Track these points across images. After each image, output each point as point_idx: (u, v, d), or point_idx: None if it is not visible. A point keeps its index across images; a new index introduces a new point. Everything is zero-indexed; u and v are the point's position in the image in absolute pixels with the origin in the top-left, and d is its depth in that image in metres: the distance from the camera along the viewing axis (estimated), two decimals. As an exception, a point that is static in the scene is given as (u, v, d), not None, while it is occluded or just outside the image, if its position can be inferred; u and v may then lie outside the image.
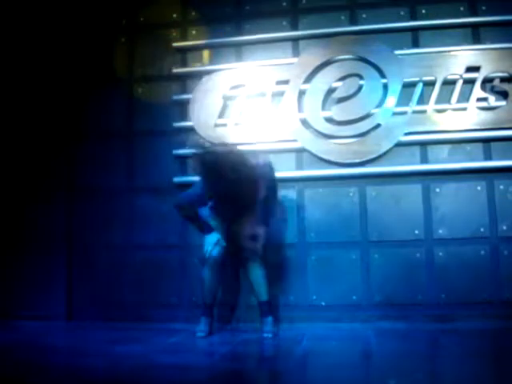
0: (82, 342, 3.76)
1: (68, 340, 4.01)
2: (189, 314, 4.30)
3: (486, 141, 4.27)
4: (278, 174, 4.20)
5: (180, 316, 4.35)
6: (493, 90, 4.27)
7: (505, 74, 4.25)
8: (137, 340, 3.69)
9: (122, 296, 4.55)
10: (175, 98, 4.63)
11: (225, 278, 4.00)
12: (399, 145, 4.29)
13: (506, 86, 4.24)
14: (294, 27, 4.63)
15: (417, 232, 4.26)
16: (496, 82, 4.26)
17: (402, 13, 4.53)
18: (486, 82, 4.27)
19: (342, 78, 4.40)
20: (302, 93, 4.46)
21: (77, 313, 4.60)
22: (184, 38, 4.76)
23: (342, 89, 4.38)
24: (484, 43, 4.37)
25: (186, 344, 3.59)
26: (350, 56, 4.43)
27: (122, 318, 4.40)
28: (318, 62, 4.45)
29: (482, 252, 4.19)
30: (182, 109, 4.63)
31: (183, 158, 4.57)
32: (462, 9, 4.47)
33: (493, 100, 4.23)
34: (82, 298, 4.61)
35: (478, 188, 4.25)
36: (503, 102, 4.23)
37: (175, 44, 4.72)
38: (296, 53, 4.59)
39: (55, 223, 4.68)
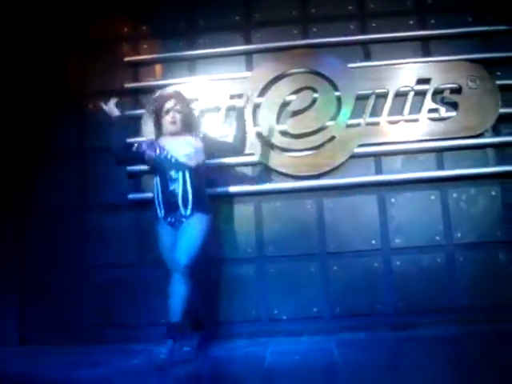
0: (38, 368, 3.61)
1: (22, 366, 3.81)
2: (148, 333, 4.20)
3: (438, 151, 4.36)
4: (235, 189, 4.22)
5: (139, 336, 4.22)
6: (443, 101, 4.38)
7: (454, 85, 4.36)
8: (97, 363, 3.57)
9: (78, 318, 4.41)
10: (127, 113, 4.53)
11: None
12: (354, 156, 4.34)
13: (455, 97, 4.35)
14: (248, 41, 4.64)
15: (374, 242, 4.30)
16: (446, 94, 4.36)
17: (353, 27, 4.60)
18: (437, 93, 4.37)
19: (296, 92, 4.41)
20: (256, 107, 4.45)
21: (30, 337, 4.42)
22: (136, 52, 4.70)
23: (296, 102, 4.39)
24: (433, 55, 4.49)
25: (149, 366, 3.47)
26: (304, 69, 4.46)
27: (80, 341, 4.26)
28: (271, 76, 4.46)
29: (439, 260, 4.27)
30: (135, 124, 4.54)
31: (137, 174, 4.49)
32: (411, 22, 4.58)
33: (443, 111, 4.32)
34: (36, 321, 4.44)
35: (432, 197, 4.33)
36: (453, 113, 4.34)
37: (127, 58, 4.65)
38: (250, 67, 4.60)
39: (5, 249, 4.52)
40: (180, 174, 3.53)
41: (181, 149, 3.59)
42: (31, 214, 4.59)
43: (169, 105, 3.64)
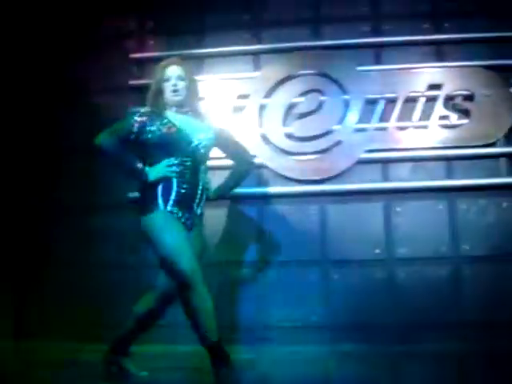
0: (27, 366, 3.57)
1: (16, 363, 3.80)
2: (145, 335, 4.14)
3: (448, 159, 4.23)
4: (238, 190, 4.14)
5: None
6: (455, 108, 4.24)
7: (467, 92, 4.23)
8: (89, 363, 3.47)
9: (75, 317, 4.32)
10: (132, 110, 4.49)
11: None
12: (360, 162, 4.23)
13: (467, 105, 4.22)
14: (256, 41, 4.56)
15: (378, 251, 4.18)
16: (458, 100, 4.24)
17: (365, 29, 4.51)
18: (448, 99, 4.25)
19: (304, 94, 4.33)
20: (262, 107, 4.37)
21: (26, 332, 4.40)
22: (142, 49, 4.64)
23: (303, 104, 4.31)
24: (446, 61, 4.37)
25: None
26: (312, 71, 4.38)
27: (75, 338, 4.18)
28: (279, 77, 4.38)
29: (444, 272, 4.14)
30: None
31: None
32: (425, 26, 4.46)
33: (455, 118, 4.20)
34: (33, 317, 4.43)
35: (440, 207, 4.20)
36: (465, 121, 4.21)
37: (132, 55, 4.60)
38: (257, 67, 4.51)
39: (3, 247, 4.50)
40: (197, 162, 3.01)
41: (197, 131, 3.04)
42: (32, 213, 4.57)
43: (170, 72, 3.11)
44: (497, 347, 3.74)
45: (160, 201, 2.90)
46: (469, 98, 4.23)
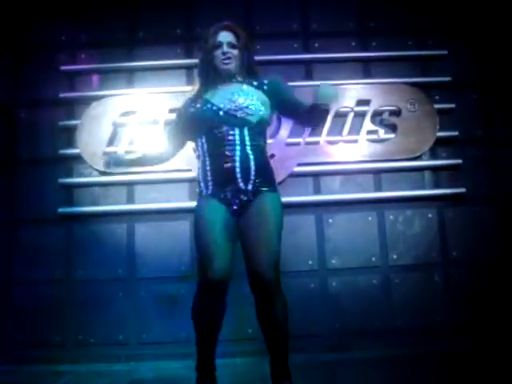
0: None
1: None
2: (74, 354, 4.05)
3: (376, 172, 4.37)
4: (169, 205, 4.10)
5: (65, 356, 4.04)
6: (382, 123, 4.40)
7: (393, 108, 4.39)
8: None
9: (1, 336, 4.18)
10: (61, 123, 4.39)
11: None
12: (292, 175, 4.29)
13: (394, 119, 4.38)
14: (189, 55, 4.54)
15: (310, 262, 4.26)
16: (385, 116, 4.39)
17: (296, 45, 4.59)
18: (376, 115, 4.40)
19: (237, 108, 4.34)
20: (195, 122, 4.35)
21: None
22: (73, 61, 4.53)
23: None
24: (374, 77, 4.52)
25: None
26: (244, 86, 4.40)
27: (4, 361, 4.02)
28: (212, 91, 4.37)
29: (374, 281, 4.26)
30: (69, 135, 4.39)
31: (70, 187, 4.34)
32: (353, 44, 4.61)
33: (382, 133, 4.35)
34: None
35: (370, 218, 4.32)
36: (392, 135, 4.37)
37: (63, 67, 4.48)
38: (190, 81, 4.48)
39: None
40: (237, 130, 2.62)
41: (230, 99, 2.67)
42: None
43: (221, 37, 2.73)
44: (425, 352, 3.87)
45: (202, 185, 2.69)
46: (395, 113, 4.39)
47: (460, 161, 4.37)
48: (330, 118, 4.31)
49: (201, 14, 4.60)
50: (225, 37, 2.73)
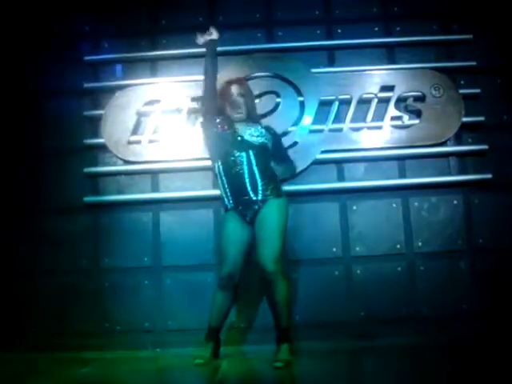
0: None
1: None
2: (102, 341, 4.09)
3: (401, 158, 4.34)
4: (194, 193, 4.12)
5: (91, 344, 4.08)
6: (406, 109, 4.36)
7: (418, 93, 4.35)
8: (43, 372, 3.39)
9: (27, 325, 4.26)
10: (86, 113, 4.44)
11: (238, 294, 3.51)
12: (316, 163, 4.29)
13: (418, 105, 4.34)
14: (211, 43, 4.55)
15: (335, 250, 4.25)
16: (409, 101, 4.35)
17: (319, 31, 4.56)
18: (400, 101, 4.36)
19: (259, 96, 4.32)
20: (219, 110, 4.37)
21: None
22: (96, 51, 4.57)
23: (259, 106, 4.26)
24: (398, 63, 4.48)
25: (99, 375, 3.35)
26: (267, 73, 4.41)
27: (30, 349, 4.05)
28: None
29: (399, 268, 4.25)
30: (94, 125, 4.44)
31: (95, 176, 4.39)
32: (376, 29, 4.56)
33: (406, 119, 4.31)
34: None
35: (394, 205, 4.30)
36: (416, 121, 4.32)
37: (87, 58, 4.51)
38: (213, 69, 4.50)
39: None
40: (244, 153, 3.29)
41: (248, 129, 3.37)
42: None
43: (232, 89, 3.43)
44: (450, 339, 3.83)
45: (225, 199, 3.36)
46: (420, 99, 4.34)
47: (486, 146, 4.32)
48: (353, 104, 4.32)
49: (223, 2, 4.62)
50: (235, 89, 3.45)
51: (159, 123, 4.38)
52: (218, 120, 3.41)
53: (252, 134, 3.35)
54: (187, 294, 4.22)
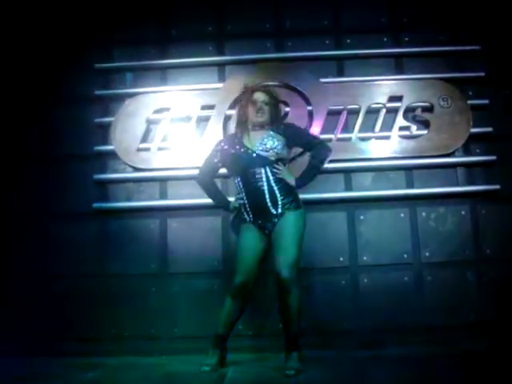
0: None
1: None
2: (109, 347, 4.10)
3: (408, 169, 4.35)
4: (202, 201, 4.13)
5: (98, 349, 4.10)
6: (415, 119, 4.38)
7: (426, 104, 4.37)
8: (50, 376, 3.42)
9: (35, 329, 4.26)
10: (96, 120, 4.48)
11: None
12: (324, 172, 4.26)
13: (427, 116, 4.36)
14: (220, 52, 4.60)
15: (342, 259, 4.26)
16: (418, 112, 4.36)
17: (328, 41, 4.60)
18: (408, 111, 4.37)
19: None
20: (227, 118, 4.40)
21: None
22: (107, 59, 4.62)
23: (268, 115, 4.34)
24: (406, 73, 4.50)
25: (106, 380, 3.37)
26: (276, 82, 4.42)
27: (37, 353, 4.06)
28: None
29: (406, 278, 4.25)
30: (104, 132, 4.48)
31: (104, 182, 4.43)
32: (385, 39, 4.59)
33: (415, 129, 4.33)
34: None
35: (402, 215, 4.31)
36: (424, 131, 4.34)
37: (97, 65, 4.56)
38: (222, 78, 4.56)
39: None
40: (262, 170, 3.32)
41: (261, 143, 3.37)
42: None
43: (256, 95, 3.47)
44: (457, 350, 3.82)
45: (245, 214, 3.41)
46: (428, 109, 4.36)
47: (494, 157, 4.32)
48: (362, 114, 4.34)
49: (232, 11, 4.66)
50: (260, 95, 3.48)
51: (168, 131, 4.42)
52: (225, 147, 3.48)
53: (265, 148, 3.36)
54: (194, 301, 4.23)
